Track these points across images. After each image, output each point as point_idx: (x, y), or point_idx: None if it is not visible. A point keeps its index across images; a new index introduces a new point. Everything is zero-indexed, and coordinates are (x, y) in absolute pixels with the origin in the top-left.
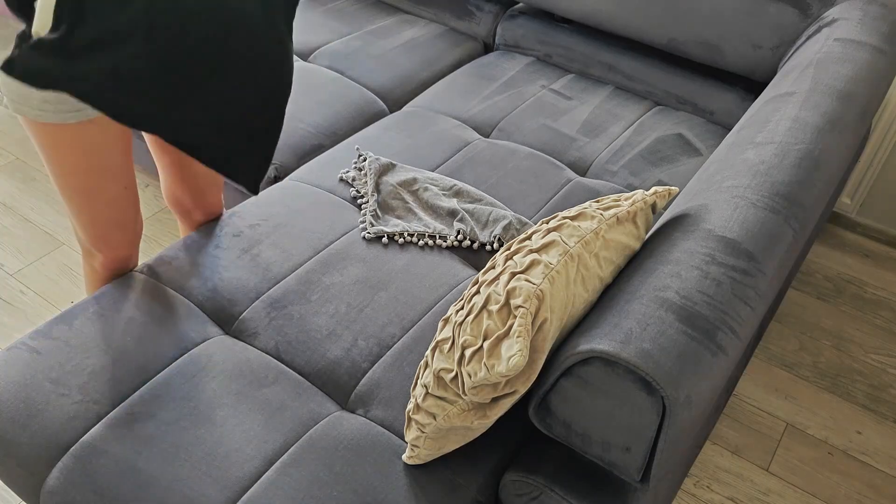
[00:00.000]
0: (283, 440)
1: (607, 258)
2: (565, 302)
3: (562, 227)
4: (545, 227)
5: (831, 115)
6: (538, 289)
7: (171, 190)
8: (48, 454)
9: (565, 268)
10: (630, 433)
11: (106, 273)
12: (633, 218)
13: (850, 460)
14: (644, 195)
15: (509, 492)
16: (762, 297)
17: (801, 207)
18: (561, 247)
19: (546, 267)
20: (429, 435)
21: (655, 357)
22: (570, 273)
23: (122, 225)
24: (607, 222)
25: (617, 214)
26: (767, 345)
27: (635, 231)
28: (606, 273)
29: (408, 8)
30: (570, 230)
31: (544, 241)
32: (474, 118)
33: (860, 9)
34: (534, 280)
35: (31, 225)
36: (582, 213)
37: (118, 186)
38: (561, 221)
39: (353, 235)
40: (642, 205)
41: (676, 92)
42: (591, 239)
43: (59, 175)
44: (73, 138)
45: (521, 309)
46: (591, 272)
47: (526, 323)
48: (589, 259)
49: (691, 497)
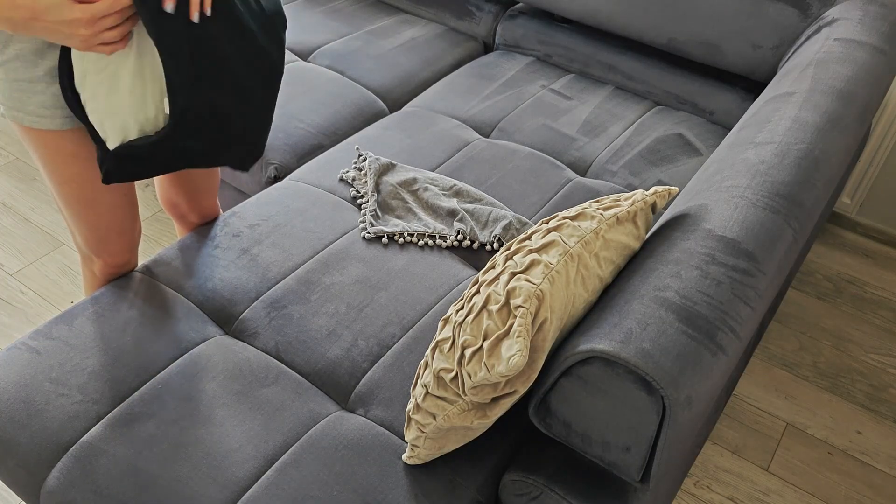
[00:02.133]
0: (283, 440)
1: (607, 258)
2: (565, 302)
3: (562, 226)
4: (545, 227)
5: (831, 115)
6: (538, 289)
7: (166, 194)
8: (48, 454)
9: (565, 268)
10: (630, 433)
11: (105, 278)
12: (634, 218)
13: (850, 460)
14: (644, 195)
15: (509, 492)
16: (762, 297)
17: (801, 207)
18: (561, 247)
19: (546, 267)
20: (429, 435)
21: (655, 357)
22: (570, 273)
23: (121, 231)
24: (607, 222)
25: (617, 214)
26: (767, 345)
27: (635, 231)
28: (606, 273)
29: (408, 8)
30: (570, 230)
31: (544, 240)
32: (474, 118)
33: (860, 9)
34: (534, 280)
35: (31, 225)
36: (582, 212)
37: (117, 194)
38: (561, 221)
39: (353, 235)
40: (642, 205)
41: (676, 92)
42: (591, 239)
43: (57, 183)
44: (70, 146)
45: (521, 309)
46: (591, 272)
47: (526, 323)
48: (589, 259)
49: (691, 497)
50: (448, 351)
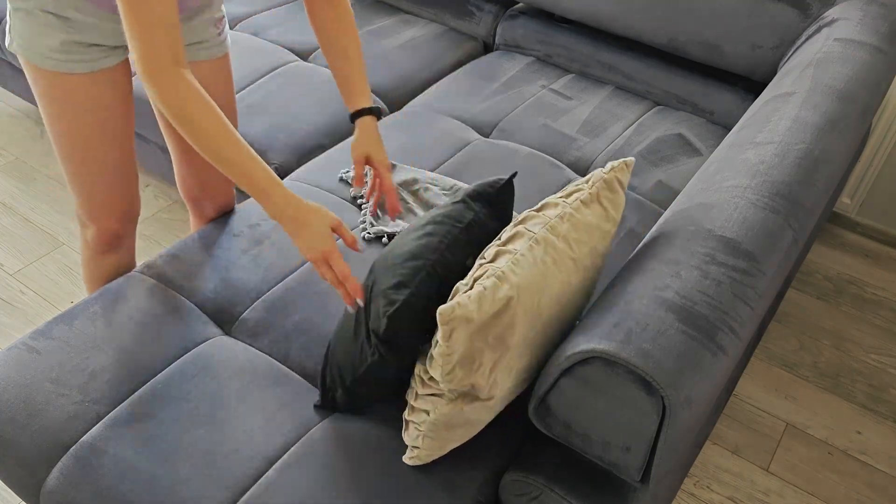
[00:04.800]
0: (284, 440)
1: (578, 239)
2: (534, 281)
3: (526, 219)
4: (511, 224)
5: (831, 115)
6: (500, 270)
7: (183, 178)
8: (48, 454)
9: (531, 251)
10: (630, 433)
11: (98, 248)
12: (598, 199)
13: (850, 460)
14: (602, 174)
15: (509, 492)
16: (762, 297)
17: (801, 207)
18: (526, 235)
19: (510, 254)
20: (426, 434)
21: (655, 357)
22: (536, 255)
23: (117, 194)
24: (572, 206)
25: (580, 198)
26: (767, 345)
27: (603, 212)
28: (581, 254)
29: (408, 8)
30: (535, 220)
31: (510, 233)
32: (474, 118)
33: (860, 9)
34: (497, 265)
35: (31, 225)
36: (546, 203)
37: (115, 153)
38: (526, 215)
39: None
40: (602, 184)
41: (676, 92)
42: (557, 223)
43: (58, 133)
44: (77, 90)
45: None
46: (560, 254)
47: (477, 294)
48: (557, 241)
49: (691, 497)
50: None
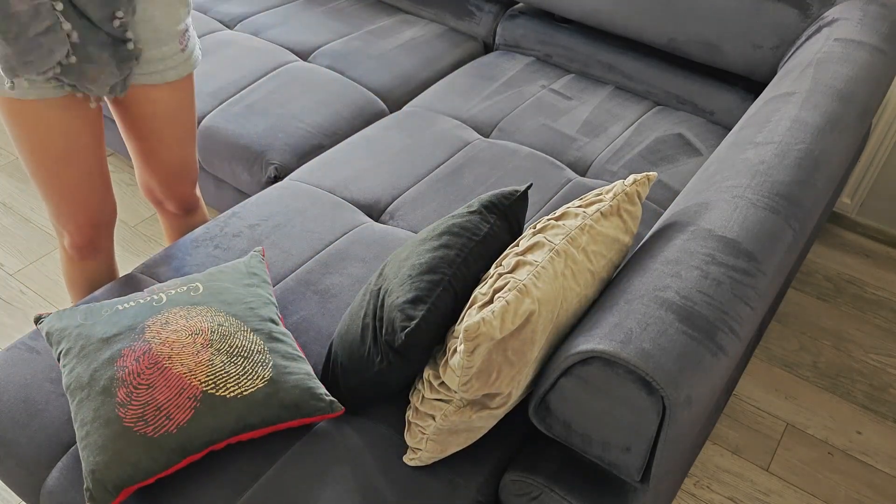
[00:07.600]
0: (284, 440)
1: (597, 252)
2: (554, 295)
3: (546, 228)
4: (531, 231)
5: (831, 115)
6: (522, 283)
7: (142, 178)
8: (48, 454)
9: (551, 263)
10: (630, 433)
11: (76, 255)
12: (618, 211)
13: (850, 460)
14: (624, 186)
15: (509, 492)
16: (762, 297)
17: (801, 207)
18: (546, 245)
19: (531, 265)
20: (429, 437)
21: (655, 357)
22: (556, 267)
23: (86, 207)
24: (592, 218)
25: (601, 209)
26: (767, 345)
27: (622, 225)
28: (598, 267)
29: (408, 8)
30: (556, 230)
31: (530, 243)
32: (474, 118)
33: (860, 9)
34: (519, 276)
35: (31, 225)
36: (565, 212)
37: (79, 171)
38: (545, 223)
39: (353, 235)
40: (623, 196)
41: (676, 92)
42: (577, 235)
43: (20, 151)
44: (33, 116)
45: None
46: (580, 266)
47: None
48: (577, 254)
49: (691, 497)
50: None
